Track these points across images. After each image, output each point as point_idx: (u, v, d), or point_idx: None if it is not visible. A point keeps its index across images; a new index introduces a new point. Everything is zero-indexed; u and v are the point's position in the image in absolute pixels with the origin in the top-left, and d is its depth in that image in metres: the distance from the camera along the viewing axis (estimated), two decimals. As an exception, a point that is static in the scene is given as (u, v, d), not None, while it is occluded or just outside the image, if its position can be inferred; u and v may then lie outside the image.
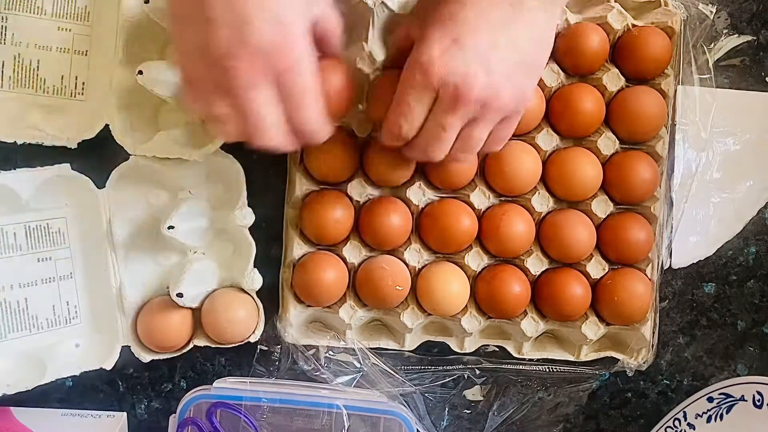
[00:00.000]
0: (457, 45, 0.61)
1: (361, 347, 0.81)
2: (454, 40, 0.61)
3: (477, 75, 0.61)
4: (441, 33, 0.62)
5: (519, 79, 0.64)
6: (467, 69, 0.61)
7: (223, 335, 0.77)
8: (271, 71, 0.58)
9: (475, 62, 0.61)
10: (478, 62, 0.61)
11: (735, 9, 0.84)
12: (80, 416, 0.78)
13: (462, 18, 0.62)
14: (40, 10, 0.75)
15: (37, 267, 0.76)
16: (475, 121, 0.65)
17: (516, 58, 0.63)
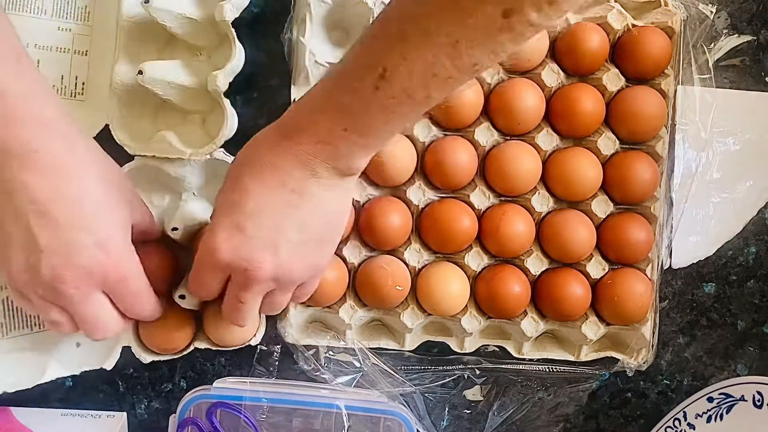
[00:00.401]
0: (240, 232, 0.63)
1: (361, 347, 0.80)
2: (238, 227, 0.63)
3: (264, 259, 0.64)
4: (226, 220, 0.64)
5: (309, 254, 0.67)
6: (252, 255, 0.64)
7: (224, 338, 0.77)
8: (100, 286, 0.64)
9: (259, 248, 0.64)
10: (263, 247, 0.64)
11: (735, 9, 0.84)
12: (80, 416, 0.78)
13: (244, 206, 0.63)
14: (40, 10, 0.75)
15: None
16: (274, 292, 0.68)
17: (303, 238, 0.65)
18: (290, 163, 0.62)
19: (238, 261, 0.63)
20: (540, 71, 0.78)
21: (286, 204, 0.63)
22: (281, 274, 0.65)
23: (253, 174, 0.64)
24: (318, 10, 0.77)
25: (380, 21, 0.60)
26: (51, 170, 0.60)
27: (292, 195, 0.63)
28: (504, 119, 0.78)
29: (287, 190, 0.63)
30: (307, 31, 0.77)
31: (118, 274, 0.63)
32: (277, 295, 0.69)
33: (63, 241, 0.60)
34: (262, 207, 0.63)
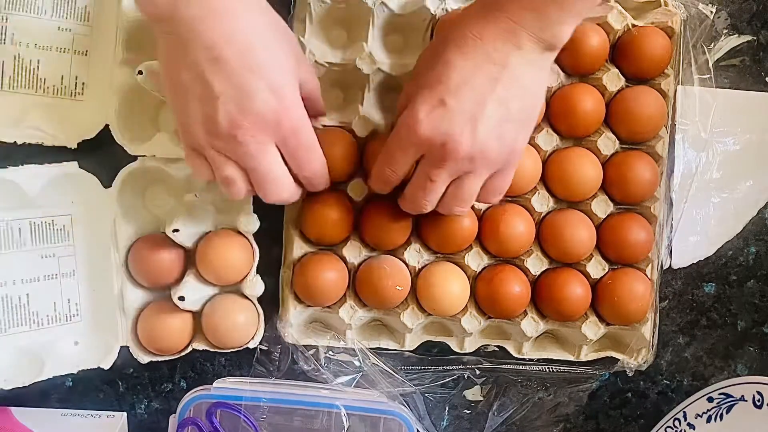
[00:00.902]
0: (442, 106, 0.63)
1: (361, 347, 0.81)
2: (440, 101, 0.63)
3: (462, 134, 0.63)
4: (428, 95, 0.64)
5: (507, 135, 0.65)
6: (452, 129, 0.63)
7: (222, 340, 0.77)
8: (274, 135, 0.63)
9: (460, 122, 0.63)
10: (464, 122, 0.63)
11: (735, 9, 0.84)
12: (80, 416, 0.78)
13: (447, 80, 0.63)
14: (41, 10, 0.75)
15: (41, 263, 0.76)
16: (466, 175, 0.67)
17: (502, 116, 0.64)
18: (495, 34, 0.62)
19: (438, 135, 0.63)
20: (540, 71, 0.78)
21: (489, 78, 0.63)
22: (478, 153, 0.64)
23: (457, 47, 0.63)
24: (318, 9, 0.77)
25: None
26: (223, 15, 0.60)
27: (495, 68, 0.63)
28: (504, 119, 0.78)
29: (491, 63, 0.62)
30: (307, 31, 0.77)
31: (291, 123, 0.63)
32: (470, 180, 0.67)
33: (237, 86, 0.60)
34: (465, 80, 0.63)
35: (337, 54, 0.79)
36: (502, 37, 0.62)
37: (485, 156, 0.65)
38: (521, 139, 0.67)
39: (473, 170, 0.66)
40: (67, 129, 0.76)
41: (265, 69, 0.61)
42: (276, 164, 0.65)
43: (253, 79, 0.61)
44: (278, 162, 0.65)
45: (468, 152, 0.64)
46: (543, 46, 0.63)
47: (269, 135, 0.63)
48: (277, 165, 0.65)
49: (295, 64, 0.65)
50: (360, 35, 0.77)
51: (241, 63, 0.60)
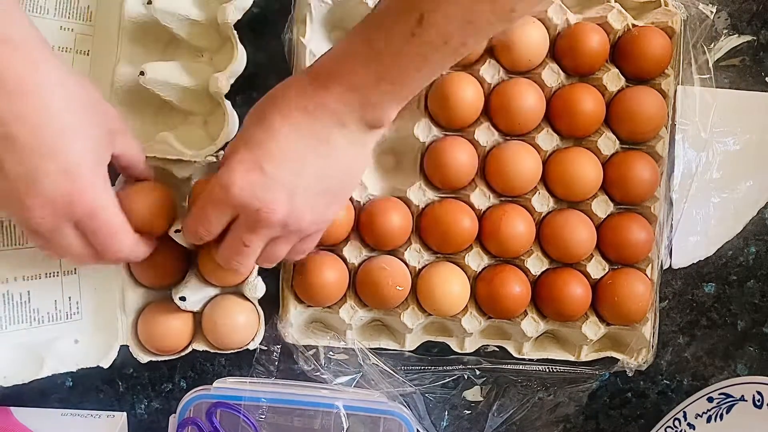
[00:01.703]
0: (260, 171, 0.62)
1: (361, 347, 0.80)
2: (258, 166, 0.62)
3: (277, 202, 0.63)
4: (247, 157, 0.63)
5: (321, 207, 0.66)
6: (267, 195, 0.62)
7: (222, 341, 0.77)
8: (67, 218, 0.61)
9: (276, 190, 0.62)
10: (280, 190, 0.63)
11: (735, 9, 0.84)
12: (80, 416, 0.78)
13: (268, 146, 0.63)
14: (43, 10, 0.75)
15: (42, 261, 0.76)
16: (277, 240, 0.67)
17: (320, 188, 0.65)
18: (319, 109, 0.62)
19: (252, 200, 0.62)
20: (540, 71, 0.78)
21: (311, 151, 0.63)
22: (291, 222, 0.64)
23: (282, 115, 0.63)
24: (318, 10, 0.77)
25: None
26: (12, 92, 0.57)
27: (317, 143, 0.63)
28: (504, 119, 0.78)
29: (313, 138, 0.63)
30: (308, 32, 0.77)
31: (85, 206, 0.60)
32: (279, 245, 0.67)
33: (25, 168, 0.58)
34: (286, 149, 0.62)
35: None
36: (328, 114, 0.62)
37: (298, 225, 0.65)
38: (334, 210, 0.69)
39: (285, 236, 0.66)
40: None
41: (56, 150, 0.58)
42: (73, 245, 0.63)
43: (43, 161, 0.58)
44: (75, 243, 0.63)
45: (282, 220, 0.64)
46: (367, 126, 0.64)
47: (62, 218, 0.60)
48: (74, 246, 0.63)
49: (101, 140, 0.63)
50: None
51: (32, 143, 0.57)
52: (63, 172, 0.59)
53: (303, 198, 0.63)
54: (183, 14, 0.74)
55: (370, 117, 0.63)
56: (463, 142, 0.78)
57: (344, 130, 0.63)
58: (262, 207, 0.62)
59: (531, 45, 0.77)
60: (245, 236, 0.65)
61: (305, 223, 0.65)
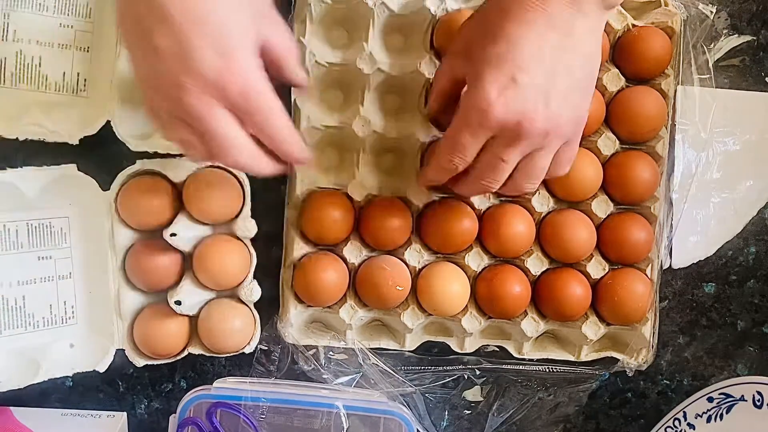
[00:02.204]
0: (514, 84, 0.60)
1: (362, 347, 0.81)
2: (511, 79, 0.60)
3: (536, 111, 0.61)
4: (496, 73, 0.61)
5: (576, 102, 0.64)
6: (526, 107, 0.61)
7: (218, 345, 0.77)
8: (221, 98, 0.59)
9: (533, 98, 0.61)
10: (536, 97, 0.61)
11: (735, 9, 0.84)
12: (80, 416, 0.79)
13: (515, 55, 0.61)
14: (42, 7, 0.75)
15: (37, 265, 0.76)
16: (537, 151, 0.64)
17: (571, 84, 0.62)
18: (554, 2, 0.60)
19: (512, 114, 0.61)
20: (540, 71, 0.78)
21: (555, 47, 0.61)
22: (552, 127, 0.62)
23: (518, 19, 0.61)
24: (318, 9, 0.77)
25: None
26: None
27: (559, 37, 0.61)
28: (504, 119, 0.78)
29: (555, 31, 0.61)
30: (307, 31, 0.77)
31: (240, 86, 0.59)
32: (542, 156, 0.65)
33: (179, 43, 0.57)
34: (533, 54, 0.60)
35: (338, 54, 0.79)
36: (565, 6, 0.60)
37: (558, 129, 0.63)
38: (585, 105, 0.66)
39: (546, 145, 0.64)
40: (69, 125, 0.75)
41: (210, 26, 0.57)
42: (227, 128, 0.60)
43: (196, 37, 0.57)
44: (230, 125, 0.60)
45: (543, 128, 0.62)
46: (603, 6, 0.62)
47: (216, 98, 0.59)
48: (228, 128, 0.60)
49: (252, 23, 0.61)
50: (360, 35, 0.77)
51: (185, 18, 0.57)
52: (216, 49, 0.57)
53: (558, 98, 0.62)
54: None
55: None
56: (463, 142, 0.78)
57: (584, 16, 0.61)
58: (522, 119, 0.61)
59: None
60: (503, 152, 0.63)
61: (565, 125, 0.64)
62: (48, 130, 0.74)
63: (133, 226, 0.76)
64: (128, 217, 0.75)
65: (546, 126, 0.62)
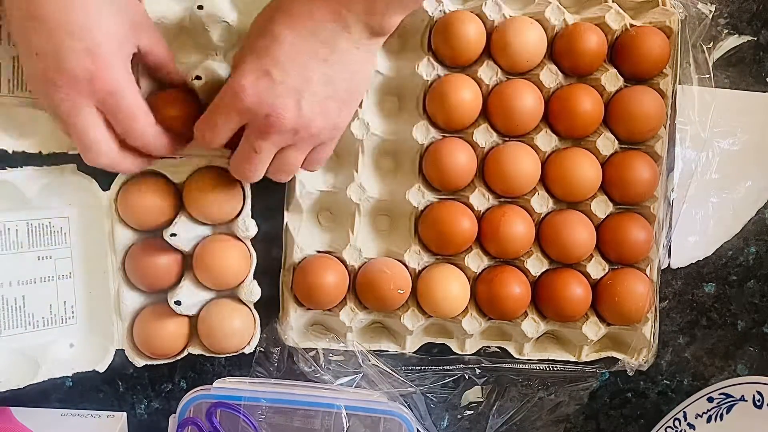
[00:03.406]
0: (268, 77, 0.64)
1: (362, 350, 0.81)
2: (266, 72, 0.64)
3: (286, 107, 0.64)
4: (254, 64, 0.64)
5: (331, 112, 0.67)
6: (276, 101, 0.64)
7: (217, 345, 0.77)
8: (90, 96, 0.63)
9: (285, 95, 0.64)
10: (288, 95, 0.64)
11: (735, 9, 0.84)
12: (80, 416, 0.79)
13: (274, 52, 0.64)
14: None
15: (37, 265, 0.76)
16: (289, 147, 0.68)
17: (328, 93, 0.66)
18: (324, 13, 0.63)
19: (261, 105, 0.64)
20: (538, 72, 0.78)
21: (316, 55, 0.64)
22: (301, 126, 0.65)
23: (285, 21, 0.64)
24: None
25: None
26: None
27: (322, 47, 0.64)
28: (503, 120, 0.78)
29: (318, 41, 0.64)
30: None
31: (106, 85, 0.63)
32: (292, 153, 0.68)
33: (52, 45, 0.61)
34: (292, 55, 0.64)
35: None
36: (332, 18, 0.64)
37: (309, 130, 0.66)
38: (344, 116, 0.69)
39: (296, 143, 0.67)
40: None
41: (84, 30, 0.61)
42: (91, 127, 0.64)
43: (69, 39, 0.61)
44: (94, 125, 0.64)
45: (292, 125, 0.65)
46: (370, 32, 0.65)
47: (85, 96, 0.63)
48: (92, 128, 0.64)
49: (127, 29, 0.65)
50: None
51: (60, 21, 0.60)
52: (87, 50, 0.61)
53: (311, 102, 0.65)
54: (220, 17, 0.75)
55: (375, 23, 0.64)
56: (462, 143, 0.79)
57: (349, 35, 0.64)
58: (271, 112, 0.64)
59: (529, 46, 0.77)
60: (255, 143, 0.66)
61: (316, 129, 0.67)
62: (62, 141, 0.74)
63: (133, 226, 0.76)
64: (128, 217, 0.76)
65: (295, 125, 0.65)
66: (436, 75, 0.78)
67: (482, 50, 0.78)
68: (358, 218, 0.79)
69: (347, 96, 0.68)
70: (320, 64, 0.64)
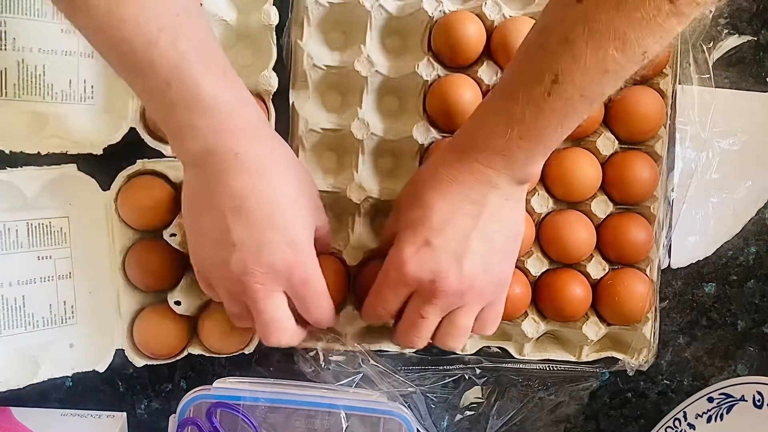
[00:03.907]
0: (427, 246, 0.65)
1: (362, 350, 0.80)
2: (425, 241, 0.65)
3: (449, 271, 0.65)
4: (413, 236, 0.66)
5: (494, 267, 0.68)
6: (439, 267, 0.65)
7: (218, 345, 0.77)
8: (284, 284, 0.65)
9: (445, 260, 0.65)
10: (449, 259, 0.65)
11: (735, 9, 0.84)
12: (80, 416, 0.78)
13: (430, 220, 0.66)
14: (40, 13, 0.74)
15: (37, 265, 0.76)
16: (457, 310, 0.69)
17: (486, 249, 0.66)
18: (469, 177, 0.65)
19: (425, 273, 0.65)
20: (538, 72, 0.78)
21: (469, 216, 0.65)
22: (467, 287, 0.66)
23: (435, 190, 0.66)
24: (315, 12, 0.77)
25: (539, 30, 0.61)
26: (251, 171, 0.62)
27: (473, 206, 0.65)
28: (503, 120, 0.78)
29: (469, 202, 0.65)
30: (305, 34, 0.77)
31: (303, 274, 0.65)
32: (461, 314, 0.69)
33: (255, 238, 0.63)
34: (447, 220, 0.65)
35: (335, 56, 0.79)
36: (478, 179, 0.65)
37: (474, 289, 0.67)
38: (507, 269, 0.70)
39: (464, 304, 0.68)
40: (89, 135, 0.75)
41: (286, 224, 0.64)
42: (280, 310, 0.66)
43: (274, 234, 0.63)
44: (283, 308, 0.66)
45: (457, 288, 0.66)
46: (516, 181, 0.66)
47: (279, 284, 0.65)
48: (281, 311, 0.66)
49: (313, 216, 0.68)
50: (358, 38, 0.78)
51: (263, 217, 0.63)
52: (289, 243, 0.64)
53: (472, 261, 0.66)
54: (219, 17, 0.75)
55: (519, 174, 0.65)
56: (462, 143, 0.78)
57: (497, 190, 0.65)
58: (435, 278, 0.65)
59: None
60: (422, 308, 0.68)
61: (481, 287, 0.67)
62: (69, 142, 0.74)
63: (133, 226, 0.76)
64: (128, 217, 0.76)
65: (460, 286, 0.66)
66: (436, 75, 0.78)
67: (482, 50, 0.78)
68: (359, 218, 0.79)
69: (506, 247, 0.69)
70: (475, 223, 0.65)
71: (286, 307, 0.67)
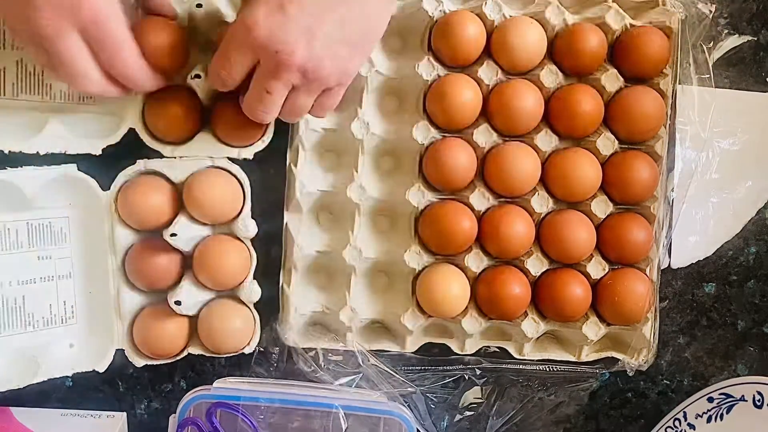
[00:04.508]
0: (281, 11, 0.62)
1: (362, 350, 0.81)
2: (280, 6, 0.62)
3: (297, 44, 0.63)
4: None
5: (341, 55, 0.66)
6: (287, 38, 0.63)
7: (217, 345, 0.77)
8: (74, 22, 0.61)
9: (297, 32, 0.63)
10: (299, 33, 0.63)
11: (735, 9, 0.84)
12: (80, 416, 0.79)
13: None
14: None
15: (37, 265, 0.76)
16: (298, 89, 0.67)
17: (341, 36, 0.64)
18: None
19: (272, 42, 0.62)
20: (538, 72, 0.78)
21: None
22: (311, 68, 0.64)
23: None
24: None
25: None
26: None
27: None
28: (503, 120, 0.78)
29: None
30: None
31: (91, 13, 0.61)
32: (301, 95, 0.68)
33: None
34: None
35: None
36: None
37: (317, 72, 0.65)
38: (355, 62, 0.69)
39: (305, 85, 0.67)
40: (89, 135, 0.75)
41: None
42: (74, 52, 0.62)
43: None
44: (78, 51, 0.62)
45: (301, 65, 0.64)
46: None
47: (68, 21, 0.60)
48: (76, 54, 0.62)
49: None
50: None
51: None
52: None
53: (323, 44, 0.64)
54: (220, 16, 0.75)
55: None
56: (462, 143, 0.78)
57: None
58: (281, 49, 0.63)
59: (529, 46, 0.77)
60: (267, 82, 0.66)
61: (325, 71, 0.66)
62: (69, 142, 0.74)
63: (133, 226, 0.76)
64: (128, 217, 0.75)
65: (306, 64, 0.64)
66: (436, 75, 0.78)
67: (482, 50, 0.78)
68: (358, 218, 0.79)
69: (360, 41, 0.67)
70: (336, 6, 0.63)
71: (82, 49, 0.62)
